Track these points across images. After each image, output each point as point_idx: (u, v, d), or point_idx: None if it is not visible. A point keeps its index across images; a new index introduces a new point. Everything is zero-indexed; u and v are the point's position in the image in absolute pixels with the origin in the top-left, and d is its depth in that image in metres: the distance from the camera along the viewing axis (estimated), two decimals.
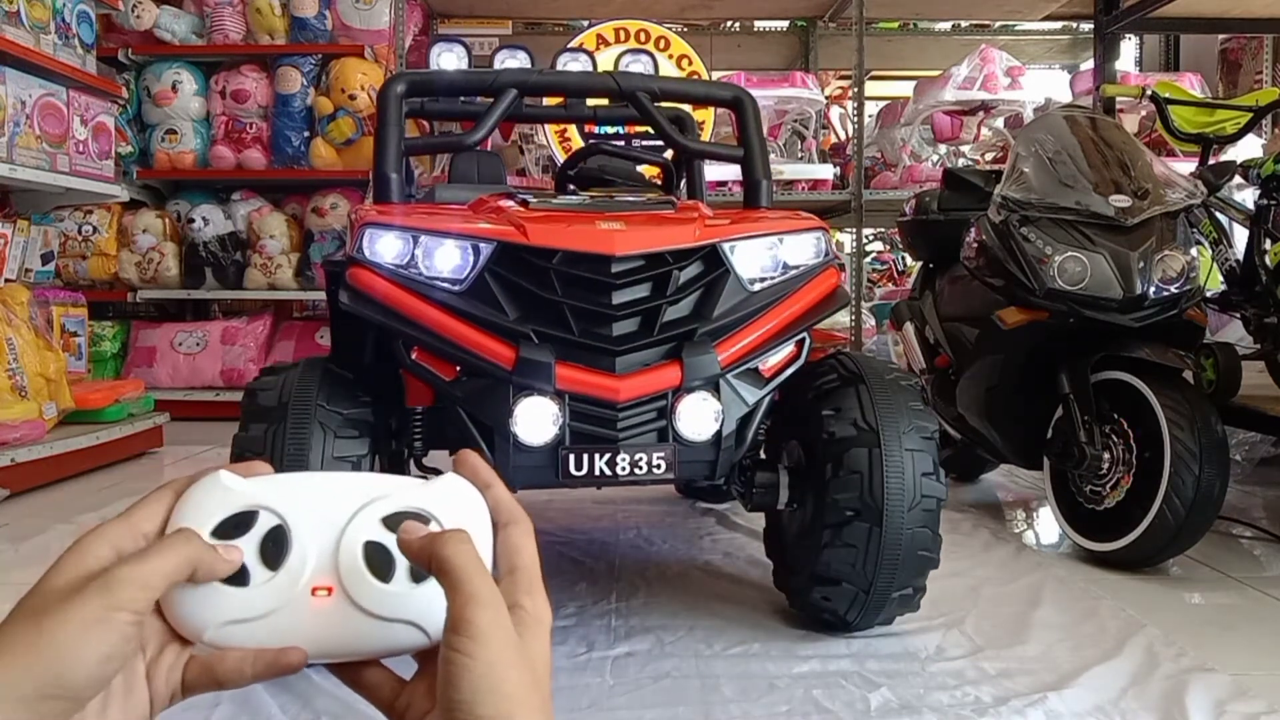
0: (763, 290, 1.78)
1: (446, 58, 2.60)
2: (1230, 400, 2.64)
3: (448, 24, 6.05)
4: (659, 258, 1.71)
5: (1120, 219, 2.42)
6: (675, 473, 1.70)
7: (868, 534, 1.73)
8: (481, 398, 1.68)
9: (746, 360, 1.73)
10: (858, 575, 1.76)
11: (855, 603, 1.80)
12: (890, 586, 1.77)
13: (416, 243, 1.72)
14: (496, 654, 0.45)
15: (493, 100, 2.04)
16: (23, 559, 2.48)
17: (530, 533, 0.53)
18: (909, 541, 1.74)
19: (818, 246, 1.87)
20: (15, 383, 3.24)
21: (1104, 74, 4.40)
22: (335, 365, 1.84)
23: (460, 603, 0.46)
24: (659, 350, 1.69)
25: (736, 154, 2.14)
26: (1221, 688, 1.67)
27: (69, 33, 3.58)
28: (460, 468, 0.55)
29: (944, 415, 3.05)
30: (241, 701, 1.57)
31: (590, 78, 2.43)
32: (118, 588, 0.45)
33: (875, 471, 1.73)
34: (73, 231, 4.96)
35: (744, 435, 1.77)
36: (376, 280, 1.73)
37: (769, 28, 6.59)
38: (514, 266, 1.69)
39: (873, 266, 8.57)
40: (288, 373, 1.79)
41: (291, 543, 0.50)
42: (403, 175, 2.03)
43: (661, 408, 1.67)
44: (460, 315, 1.68)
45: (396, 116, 2.01)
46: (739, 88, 2.27)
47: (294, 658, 0.50)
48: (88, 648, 0.43)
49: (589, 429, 1.66)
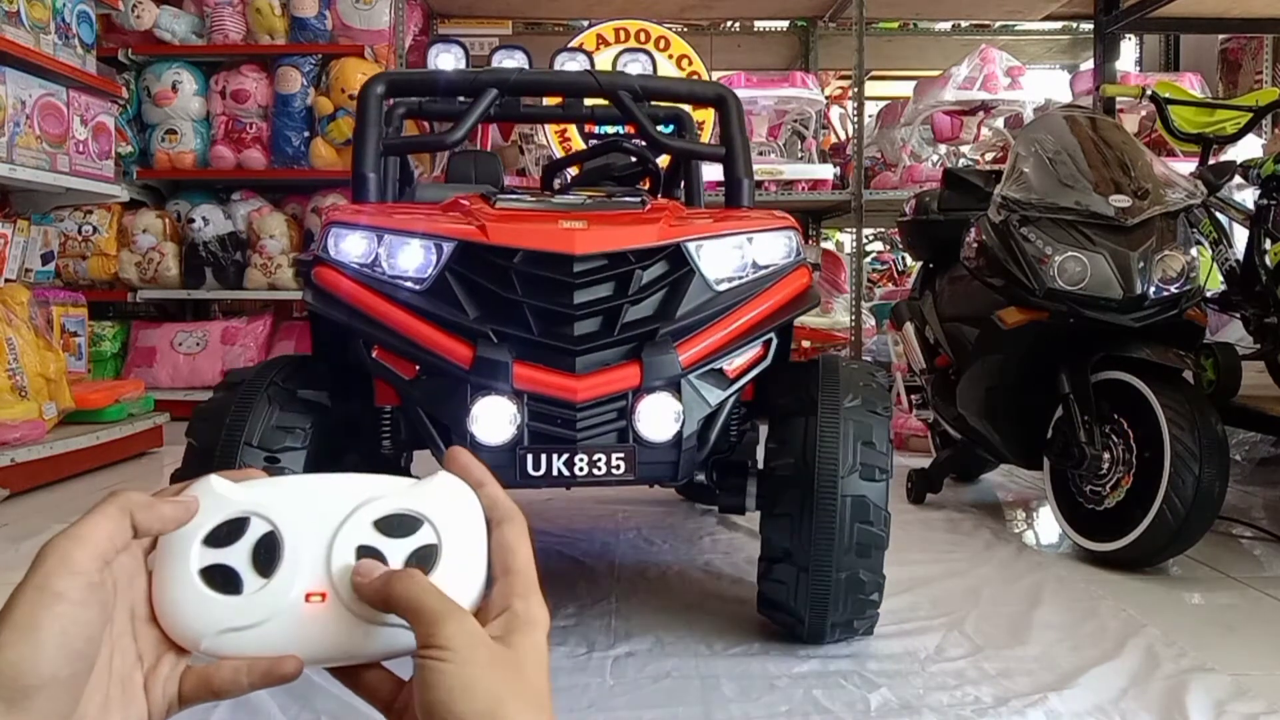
0: (730, 290, 1.76)
1: (444, 58, 2.62)
2: (1230, 400, 2.64)
3: (448, 24, 6.05)
4: (621, 257, 1.69)
5: (1120, 219, 2.42)
6: (635, 474, 1.67)
7: (800, 500, 1.68)
8: (439, 397, 1.67)
9: (709, 361, 1.71)
10: (797, 548, 1.70)
11: (800, 587, 1.71)
12: (831, 564, 1.68)
13: (380, 241, 1.73)
14: (467, 655, 0.45)
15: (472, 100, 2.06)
16: (23, 559, 2.48)
17: (525, 531, 0.53)
18: (846, 510, 1.66)
19: (789, 246, 1.85)
20: (15, 383, 3.24)
21: (1104, 74, 4.40)
22: (317, 366, 1.87)
23: (424, 625, 0.47)
24: (620, 350, 1.67)
25: (718, 153, 2.14)
26: (1221, 688, 1.66)
27: (69, 33, 3.57)
28: (451, 465, 0.54)
29: (944, 415, 3.05)
30: (241, 701, 1.56)
31: (570, 77, 2.43)
32: (49, 554, 0.44)
33: (810, 438, 1.70)
34: (73, 231, 4.96)
35: (707, 436, 1.74)
36: (341, 279, 1.74)
37: (769, 28, 6.59)
38: (474, 265, 1.69)
39: (873, 266, 8.57)
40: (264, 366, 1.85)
41: (284, 549, 0.50)
42: (381, 175, 2.03)
43: (621, 408, 1.65)
44: (421, 314, 1.68)
45: (376, 117, 2.01)
46: (723, 86, 2.27)
47: (289, 667, 0.49)
48: (42, 621, 0.42)
49: (547, 429, 1.64)
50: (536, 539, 0.53)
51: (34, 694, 0.42)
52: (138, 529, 0.47)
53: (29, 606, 0.42)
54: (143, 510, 0.47)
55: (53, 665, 0.42)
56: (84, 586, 0.44)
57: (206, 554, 0.50)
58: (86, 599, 0.44)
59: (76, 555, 0.44)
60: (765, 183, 4.99)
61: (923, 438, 3.94)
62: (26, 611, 0.42)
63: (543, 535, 2.67)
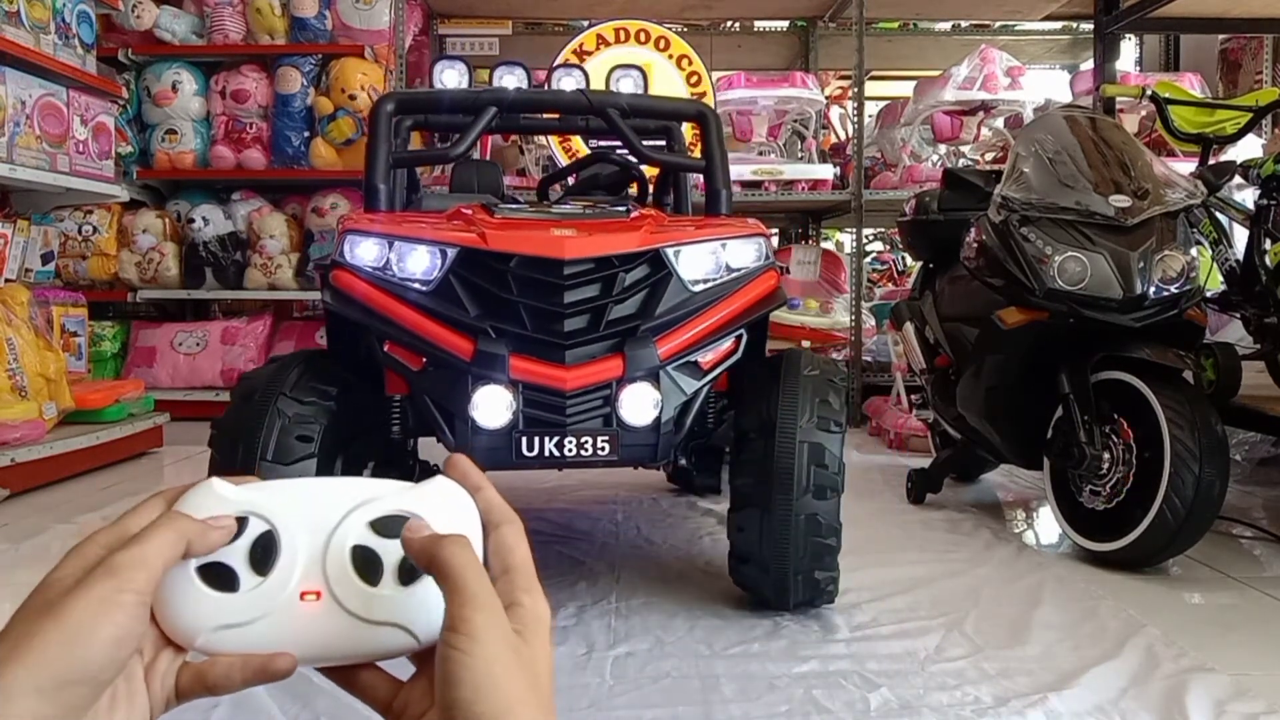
0: (704, 291, 1.95)
1: (449, 75, 2.84)
2: (1230, 400, 2.64)
3: (448, 24, 6.04)
4: (606, 261, 1.89)
5: (1120, 219, 2.42)
6: (618, 455, 1.86)
7: (764, 448, 1.87)
8: (444, 386, 1.86)
9: (685, 354, 1.90)
10: (760, 492, 1.87)
11: (765, 532, 1.89)
12: (791, 503, 1.85)
13: (391, 247, 1.92)
14: (494, 653, 0.46)
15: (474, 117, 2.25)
16: (23, 559, 2.48)
17: (522, 533, 0.53)
18: (804, 454, 1.85)
19: (759, 251, 2.05)
20: (15, 383, 3.24)
21: (1104, 74, 4.39)
22: (330, 358, 2.07)
23: (459, 603, 0.47)
24: (605, 344, 1.86)
25: (699, 165, 2.32)
26: (1221, 688, 1.67)
27: (69, 33, 3.58)
28: (450, 471, 0.55)
29: (944, 415, 3.05)
30: (240, 702, 1.57)
31: (564, 96, 2.64)
32: (119, 570, 0.46)
33: (773, 399, 1.90)
34: (73, 231, 4.96)
35: (683, 421, 1.93)
36: (356, 281, 1.94)
37: (769, 28, 6.58)
38: (475, 269, 1.88)
39: (873, 266, 8.56)
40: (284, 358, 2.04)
41: (280, 548, 0.51)
42: (391, 186, 2.23)
43: (606, 396, 1.85)
44: (427, 312, 1.87)
45: (386, 133, 2.22)
46: (703, 104, 2.52)
47: (283, 664, 0.50)
48: (100, 629, 0.45)
49: (540, 414, 1.83)
50: (536, 539, 0.53)
51: (69, 688, 0.44)
52: (189, 553, 0.49)
53: (91, 613, 0.45)
54: (199, 539, 0.49)
55: (97, 667, 0.45)
56: (139, 604, 0.46)
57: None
58: (140, 615, 0.47)
59: (139, 577, 0.46)
60: (765, 183, 4.99)
61: (923, 438, 3.95)
62: (88, 617, 0.45)
63: (543, 535, 2.67)
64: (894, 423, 4.28)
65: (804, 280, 5.13)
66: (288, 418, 1.82)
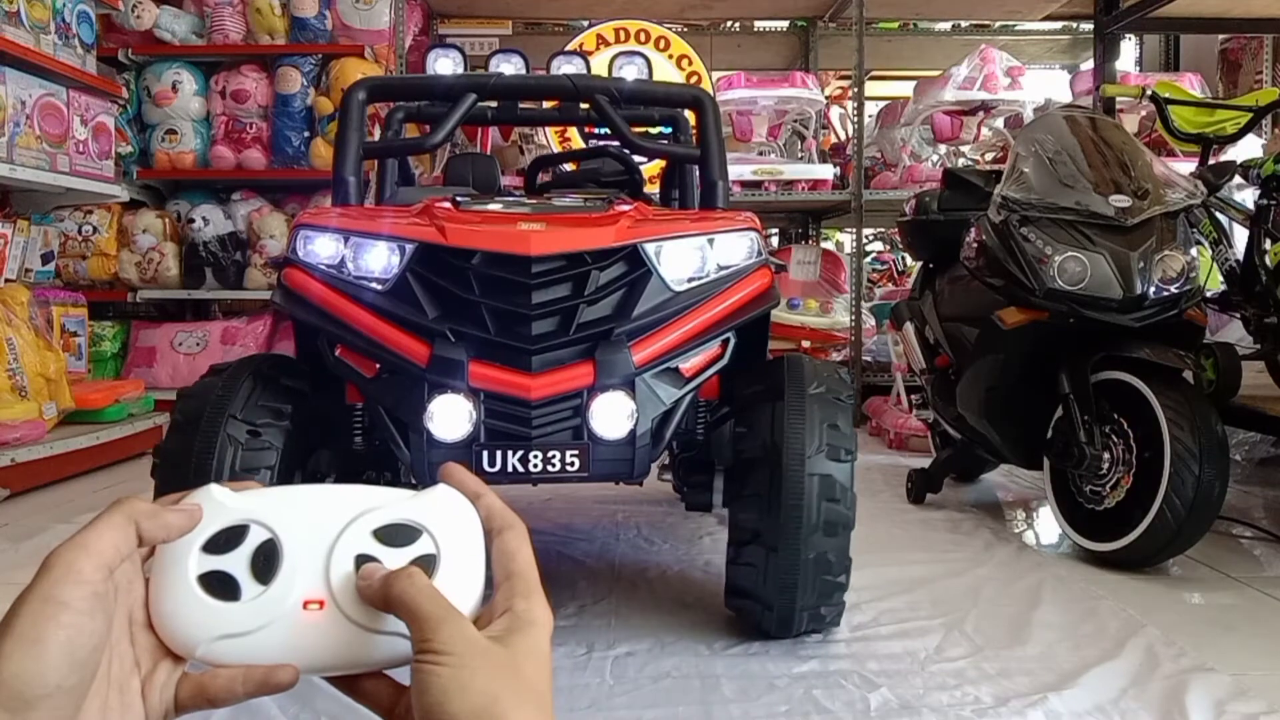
0: (688, 290, 1.77)
1: (443, 63, 2.69)
2: (1230, 400, 2.64)
3: (448, 24, 6.04)
4: (578, 258, 1.71)
5: (1120, 219, 2.42)
6: (589, 470, 1.70)
7: (769, 480, 1.71)
8: (398, 394, 1.70)
9: (664, 360, 1.73)
10: (765, 528, 1.72)
11: (769, 570, 1.75)
12: (799, 543, 1.70)
13: (346, 243, 1.76)
14: (461, 657, 0.46)
15: (453, 104, 2.09)
16: (23, 559, 2.48)
17: (525, 537, 0.53)
18: (813, 488, 1.69)
19: (750, 247, 1.87)
20: (15, 383, 3.24)
21: (1104, 74, 4.40)
22: (283, 364, 1.89)
23: (418, 630, 0.47)
24: (575, 350, 1.69)
25: (693, 154, 2.16)
26: (1221, 688, 1.67)
27: (69, 33, 3.57)
28: (448, 479, 0.55)
29: (944, 415, 3.05)
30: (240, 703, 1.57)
31: (547, 80, 2.47)
32: (54, 563, 0.44)
33: (778, 422, 1.73)
34: (73, 231, 4.95)
35: (662, 434, 1.76)
36: (309, 281, 1.78)
37: (769, 28, 6.58)
38: (434, 267, 1.71)
39: (873, 266, 8.56)
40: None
41: (282, 557, 0.50)
42: (360, 179, 2.07)
43: (576, 406, 1.68)
44: (382, 314, 1.71)
45: (357, 122, 2.05)
46: (699, 89, 2.30)
47: (285, 676, 0.49)
48: (48, 633, 0.42)
49: (503, 426, 1.67)
50: (536, 540, 0.53)
51: (38, 704, 0.42)
52: (143, 538, 0.47)
53: (34, 617, 0.42)
54: (148, 519, 0.47)
55: (58, 675, 0.42)
56: (89, 596, 0.44)
57: (205, 560, 0.50)
58: (92, 608, 0.44)
59: (82, 565, 0.44)
60: (765, 183, 4.99)
61: (923, 438, 3.95)
62: (31, 622, 0.42)
63: (543, 536, 2.67)
64: (894, 423, 4.28)
65: (804, 280, 5.13)
66: (240, 444, 1.67)
